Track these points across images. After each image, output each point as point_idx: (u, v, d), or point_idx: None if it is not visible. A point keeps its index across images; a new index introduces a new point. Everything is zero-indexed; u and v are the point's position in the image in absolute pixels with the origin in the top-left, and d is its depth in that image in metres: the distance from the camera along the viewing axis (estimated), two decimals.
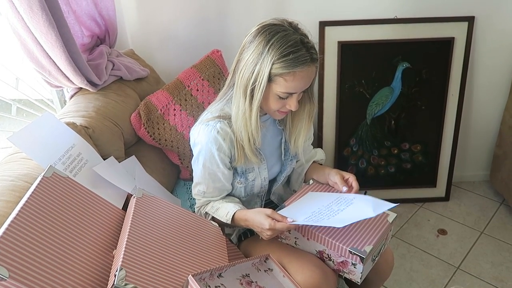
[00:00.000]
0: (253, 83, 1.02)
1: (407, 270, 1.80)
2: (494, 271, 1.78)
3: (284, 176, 1.29)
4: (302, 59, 0.99)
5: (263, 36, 1.00)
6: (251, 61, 1.01)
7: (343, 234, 1.09)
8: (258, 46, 1.00)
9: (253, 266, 1.03)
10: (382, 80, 1.92)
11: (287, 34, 0.99)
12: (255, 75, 1.01)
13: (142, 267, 0.81)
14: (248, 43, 1.03)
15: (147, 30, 1.81)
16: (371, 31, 1.84)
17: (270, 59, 0.98)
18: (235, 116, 1.09)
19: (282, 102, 1.07)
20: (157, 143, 1.45)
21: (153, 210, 0.98)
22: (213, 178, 1.15)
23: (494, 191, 2.25)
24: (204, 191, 1.17)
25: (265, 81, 1.01)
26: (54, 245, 0.78)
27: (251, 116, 1.06)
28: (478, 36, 1.90)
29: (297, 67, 0.99)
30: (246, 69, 1.03)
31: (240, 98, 1.06)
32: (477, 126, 2.15)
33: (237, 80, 1.06)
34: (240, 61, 1.06)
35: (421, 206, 2.18)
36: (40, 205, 0.82)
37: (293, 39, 0.99)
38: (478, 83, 2.03)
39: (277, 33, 0.99)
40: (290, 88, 1.03)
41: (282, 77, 1.00)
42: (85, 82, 1.32)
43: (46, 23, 1.12)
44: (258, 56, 1.00)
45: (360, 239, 1.08)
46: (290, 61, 0.98)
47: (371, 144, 2.05)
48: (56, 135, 1.08)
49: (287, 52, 0.98)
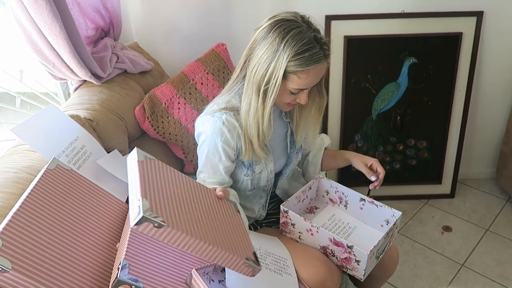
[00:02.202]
0: (267, 82, 1.01)
1: (411, 267, 1.79)
2: (499, 268, 1.76)
3: (290, 168, 1.28)
4: (316, 57, 0.98)
5: (277, 32, 0.98)
6: (265, 59, 1.00)
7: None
8: (273, 43, 0.98)
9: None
10: (388, 75, 1.90)
11: (302, 31, 0.98)
12: (269, 73, 1.00)
13: (146, 260, 0.81)
14: (261, 39, 1.01)
15: (152, 23, 1.80)
16: (378, 25, 1.82)
17: (286, 57, 0.97)
18: (246, 112, 1.07)
19: (293, 97, 1.07)
20: (161, 136, 1.44)
21: None
22: (214, 170, 1.14)
23: (500, 188, 2.23)
24: (205, 180, 1.17)
25: (280, 79, 0.99)
26: (57, 238, 0.78)
27: (263, 114, 1.05)
28: (486, 31, 1.88)
29: (311, 65, 0.98)
30: (259, 67, 1.01)
31: (252, 95, 1.05)
32: (484, 123, 2.13)
33: (250, 77, 1.04)
34: (252, 57, 1.04)
35: (426, 203, 2.16)
36: (43, 197, 0.81)
37: (307, 36, 0.97)
38: (485, 80, 2.01)
39: (292, 30, 0.97)
40: (302, 85, 1.02)
41: (296, 75, 1.00)
42: (89, 75, 1.31)
43: (50, 14, 1.11)
44: (273, 54, 0.98)
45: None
46: (304, 59, 0.97)
47: (376, 140, 2.03)
48: (60, 127, 1.07)
49: (302, 50, 0.97)
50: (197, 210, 0.84)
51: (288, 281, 1.04)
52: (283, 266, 1.07)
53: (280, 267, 1.06)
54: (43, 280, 0.69)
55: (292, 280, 1.04)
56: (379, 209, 1.20)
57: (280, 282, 1.02)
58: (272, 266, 1.04)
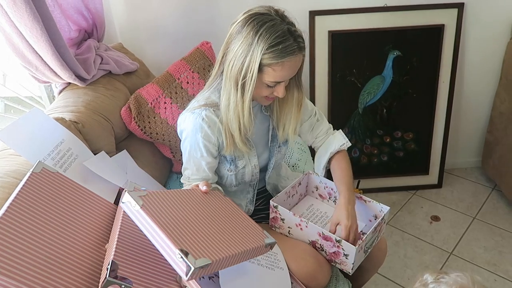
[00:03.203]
0: (244, 76, 1.02)
1: (401, 257, 1.81)
2: (487, 255, 1.80)
3: (272, 163, 1.28)
4: (290, 49, 0.99)
5: (251, 26, 0.99)
6: (241, 53, 1.01)
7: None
8: (247, 36, 1.00)
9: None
10: (373, 69, 1.92)
11: (275, 24, 0.99)
12: (246, 67, 1.01)
13: (135, 260, 0.81)
14: (236, 33, 1.02)
15: (136, 23, 1.79)
16: (361, 19, 1.84)
17: (260, 50, 0.98)
18: (226, 107, 1.08)
19: (270, 90, 1.07)
20: (149, 136, 1.44)
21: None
22: (197, 167, 1.15)
23: (486, 177, 2.27)
24: (189, 176, 1.17)
25: (256, 72, 1.00)
26: (44, 241, 0.78)
27: (243, 107, 1.06)
28: (468, 23, 1.91)
29: (285, 57, 0.99)
30: (236, 61, 1.02)
31: (231, 89, 1.06)
32: (468, 113, 2.16)
33: (227, 72, 1.05)
34: (228, 52, 1.05)
35: (414, 194, 2.19)
36: (29, 201, 0.81)
37: (281, 29, 0.98)
38: (468, 70, 2.04)
39: (265, 23, 0.99)
40: (278, 77, 1.03)
41: (271, 67, 1.00)
42: (73, 77, 1.31)
43: (31, 17, 1.10)
44: (248, 47, 1.00)
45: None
46: (278, 51, 0.98)
47: (363, 133, 2.06)
48: (45, 130, 1.07)
49: (276, 42, 0.98)
50: (208, 224, 0.90)
51: (280, 275, 1.05)
52: (274, 261, 1.08)
53: (271, 261, 1.07)
54: (31, 283, 0.69)
55: (284, 274, 1.06)
56: (368, 204, 1.22)
57: (272, 277, 1.03)
58: (263, 262, 1.05)
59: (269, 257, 1.08)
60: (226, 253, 0.82)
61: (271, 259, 1.08)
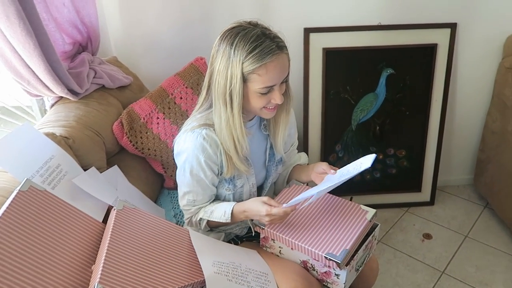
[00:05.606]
0: (230, 89, 1.03)
1: (393, 276, 1.80)
2: (479, 274, 1.79)
3: (270, 182, 1.29)
4: (268, 49, 1.00)
5: (226, 41, 1.02)
6: (223, 68, 1.03)
7: (322, 241, 1.09)
8: (224, 51, 1.02)
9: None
10: (367, 86, 1.93)
11: (247, 31, 1.01)
12: (229, 79, 1.02)
13: (121, 283, 0.80)
14: (215, 53, 1.05)
15: (131, 37, 1.79)
16: (356, 37, 1.85)
17: (239, 59, 1.00)
18: (219, 125, 1.09)
19: (266, 98, 1.07)
20: (140, 152, 1.43)
21: (134, 223, 0.96)
22: (202, 185, 1.15)
23: (478, 194, 2.28)
24: (195, 199, 1.16)
25: (240, 82, 1.02)
26: (29, 261, 0.76)
27: (234, 122, 1.06)
28: (460, 42, 1.93)
29: (265, 58, 1.00)
30: (220, 78, 1.04)
31: (221, 107, 1.06)
32: (460, 131, 2.18)
33: (215, 91, 1.07)
34: (212, 73, 1.07)
35: (406, 211, 2.19)
36: (15, 220, 0.80)
37: (254, 33, 1.01)
38: (461, 89, 2.06)
39: (238, 34, 1.01)
40: (266, 82, 1.03)
41: (255, 73, 1.01)
42: (65, 91, 1.30)
43: (24, 32, 1.09)
44: (227, 61, 1.02)
45: (338, 244, 1.07)
46: (257, 55, 0.99)
47: (356, 149, 2.06)
48: (34, 146, 1.05)
49: (252, 47, 0.99)
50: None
51: None
52: (264, 282, 1.07)
53: (262, 283, 1.06)
54: None
55: None
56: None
57: None
58: (253, 284, 1.04)
59: (259, 279, 1.07)
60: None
61: (261, 281, 1.06)
